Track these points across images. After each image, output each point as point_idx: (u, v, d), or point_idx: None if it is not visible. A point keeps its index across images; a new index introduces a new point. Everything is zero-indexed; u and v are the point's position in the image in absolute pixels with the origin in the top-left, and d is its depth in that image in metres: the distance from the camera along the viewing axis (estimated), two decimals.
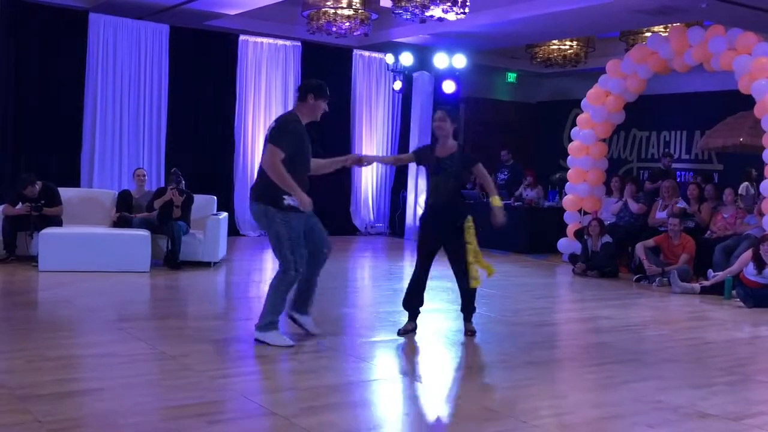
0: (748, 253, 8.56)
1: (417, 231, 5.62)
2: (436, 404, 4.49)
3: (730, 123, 11.56)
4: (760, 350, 6.57)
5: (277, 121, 5.68)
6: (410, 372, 5.09)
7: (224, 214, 10.24)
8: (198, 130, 12.94)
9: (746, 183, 11.78)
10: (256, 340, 5.50)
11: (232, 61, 13.14)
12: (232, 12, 12.02)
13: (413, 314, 6.19)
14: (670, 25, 11.12)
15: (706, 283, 8.96)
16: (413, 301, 6.18)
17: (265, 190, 5.42)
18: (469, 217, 6.04)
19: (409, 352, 5.74)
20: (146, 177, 10.35)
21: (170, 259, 9.22)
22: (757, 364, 5.99)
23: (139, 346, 5.43)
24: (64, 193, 9.75)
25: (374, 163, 13.85)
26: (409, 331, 6.10)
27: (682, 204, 10.27)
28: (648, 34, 11.57)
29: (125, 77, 12.24)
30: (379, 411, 4.34)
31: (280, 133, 5.45)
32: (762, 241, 8.48)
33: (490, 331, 6.51)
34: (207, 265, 9.49)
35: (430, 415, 4.30)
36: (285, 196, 5.34)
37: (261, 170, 5.55)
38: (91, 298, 7.30)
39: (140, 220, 9.45)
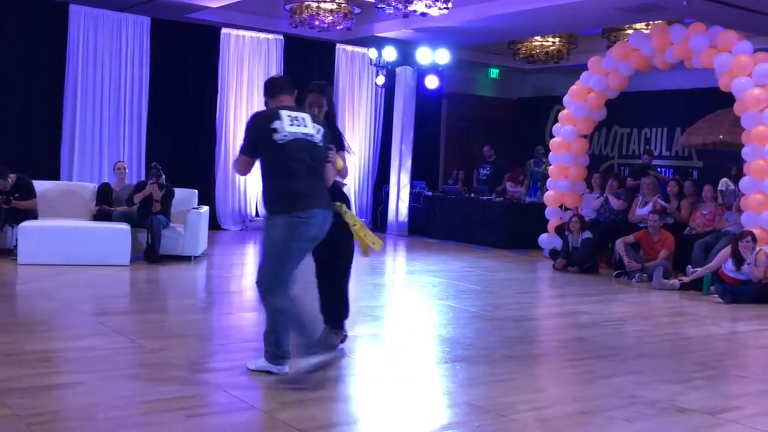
0: (727, 249, 8.65)
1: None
2: (417, 399, 4.49)
3: (710, 120, 11.64)
4: (736, 346, 6.64)
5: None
6: (390, 366, 5.09)
7: (205, 208, 10.20)
8: (179, 123, 12.85)
9: (725, 179, 11.88)
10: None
11: (213, 55, 13.06)
12: (214, 4, 11.96)
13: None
14: (651, 22, 11.19)
15: (685, 279, 9.04)
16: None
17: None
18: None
19: (389, 347, 5.75)
20: (127, 170, 10.28)
21: (150, 253, 9.18)
22: (733, 359, 6.05)
23: (119, 340, 5.40)
24: (43, 185, 9.67)
25: (356, 158, 13.87)
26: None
27: (663, 203, 10.36)
28: (630, 32, 11.62)
29: (106, 69, 12.14)
30: (359, 405, 4.35)
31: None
32: (740, 237, 8.56)
33: (470, 326, 6.53)
34: (187, 259, 9.45)
35: (410, 410, 4.31)
36: None
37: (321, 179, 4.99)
38: (70, 292, 7.26)
39: (120, 213, 9.40)
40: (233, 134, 13.35)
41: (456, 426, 4.01)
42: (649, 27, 11.18)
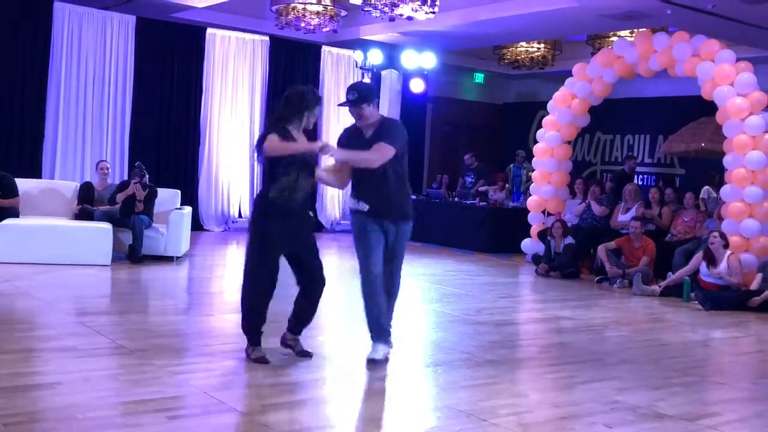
0: (701, 253, 8.75)
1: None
2: (398, 402, 4.49)
3: (693, 128, 11.73)
4: (715, 352, 6.69)
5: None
6: (371, 370, 5.09)
7: (188, 209, 10.16)
8: (163, 123, 12.81)
9: (707, 187, 11.98)
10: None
11: (198, 54, 13.03)
12: (200, 4, 11.92)
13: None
14: (636, 30, 11.26)
15: (662, 283, 9.12)
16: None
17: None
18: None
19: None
20: (109, 170, 10.21)
21: (132, 253, 9.13)
22: (712, 365, 6.09)
23: (99, 341, 5.37)
24: (25, 183, 9.59)
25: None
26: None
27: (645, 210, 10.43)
28: (614, 39, 11.69)
29: (90, 68, 12.08)
30: (339, 409, 4.34)
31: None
32: (708, 236, 8.71)
33: (452, 330, 6.54)
34: (169, 259, 9.41)
35: (391, 414, 4.31)
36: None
37: (400, 184, 5.10)
38: (50, 291, 7.20)
39: (102, 213, 9.34)
40: (217, 135, 13.34)
41: (437, 430, 4.01)
42: (634, 35, 11.25)
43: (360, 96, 4.97)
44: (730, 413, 4.63)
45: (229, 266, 10.04)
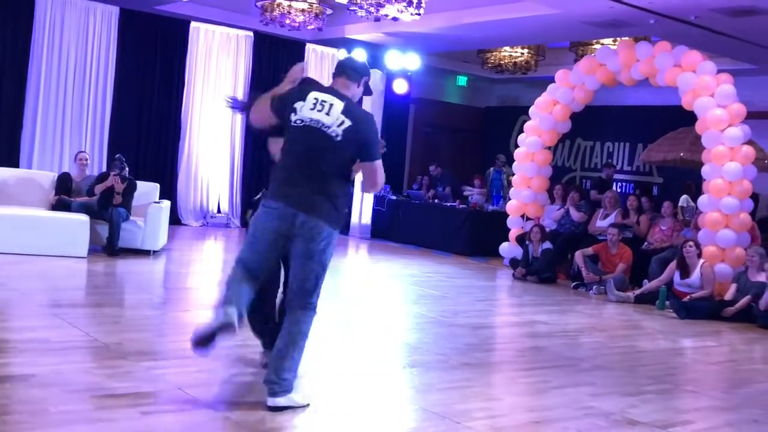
0: (674, 262, 8.84)
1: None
2: (372, 403, 4.50)
3: (672, 137, 11.82)
4: (689, 361, 6.75)
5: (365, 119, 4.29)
6: (346, 370, 5.08)
7: (166, 203, 10.11)
8: (143, 116, 12.72)
9: (686, 196, 12.10)
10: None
11: (181, 48, 12.95)
12: None
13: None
14: (619, 38, 11.34)
15: (637, 291, 9.20)
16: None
17: (333, 208, 4.16)
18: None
19: (345, 350, 5.74)
20: (88, 161, 10.13)
21: (109, 246, 9.07)
22: (685, 373, 6.15)
23: (73, 333, 5.33)
24: (2, 172, 9.50)
25: None
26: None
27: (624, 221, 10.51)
28: (597, 46, 11.77)
29: (71, 58, 11.98)
30: (313, 409, 4.33)
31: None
32: (683, 245, 8.79)
33: (427, 331, 6.55)
34: (147, 253, 9.35)
35: (365, 414, 4.31)
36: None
37: (323, 177, 4.15)
38: (25, 282, 7.14)
39: (79, 204, 9.26)
40: (198, 129, 13.27)
41: (411, 431, 4.01)
42: (617, 43, 11.33)
43: (337, 71, 4.43)
44: (702, 421, 4.68)
45: (206, 261, 10.00)
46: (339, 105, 4.17)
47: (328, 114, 4.15)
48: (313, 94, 4.21)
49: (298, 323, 4.15)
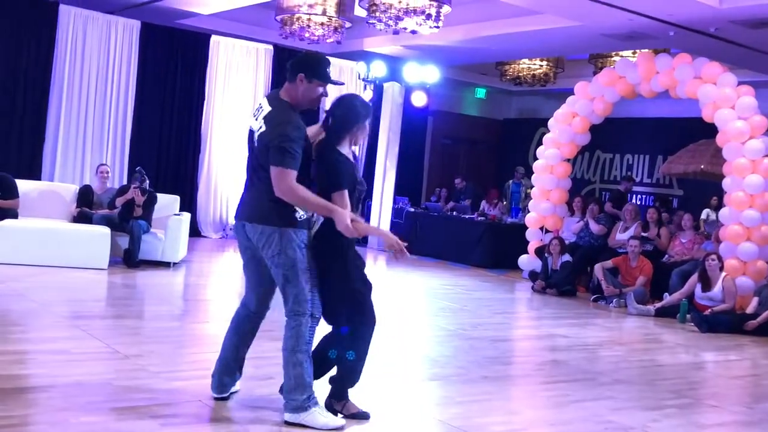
0: (696, 276, 8.77)
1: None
2: (391, 417, 4.48)
3: (693, 150, 11.77)
4: (710, 375, 6.68)
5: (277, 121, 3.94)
6: (365, 383, 5.07)
7: (186, 215, 10.16)
8: (164, 129, 12.81)
9: (708, 209, 12.04)
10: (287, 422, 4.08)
11: (202, 62, 13.04)
12: (205, 12, 11.98)
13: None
14: (638, 50, 11.31)
15: (658, 304, 9.14)
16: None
17: (273, 205, 3.92)
18: None
19: (365, 364, 5.72)
20: (109, 174, 10.22)
21: (129, 258, 9.12)
22: (706, 388, 6.09)
23: (94, 345, 5.36)
24: (24, 185, 9.58)
25: None
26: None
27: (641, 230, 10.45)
28: (616, 59, 11.75)
29: (93, 71, 12.08)
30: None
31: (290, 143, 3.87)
32: (705, 258, 8.71)
33: (447, 345, 6.53)
34: (167, 265, 9.40)
35: (385, 428, 4.30)
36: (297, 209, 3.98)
37: (259, 183, 3.99)
38: (46, 294, 7.19)
39: (100, 216, 9.34)
40: (218, 142, 13.33)
41: None
42: (636, 55, 11.30)
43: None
44: None
45: (225, 273, 10.03)
46: (266, 110, 4.00)
47: (256, 119, 4.02)
48: (260, 100, 4.15)
49: (288, 337, 4.04)
